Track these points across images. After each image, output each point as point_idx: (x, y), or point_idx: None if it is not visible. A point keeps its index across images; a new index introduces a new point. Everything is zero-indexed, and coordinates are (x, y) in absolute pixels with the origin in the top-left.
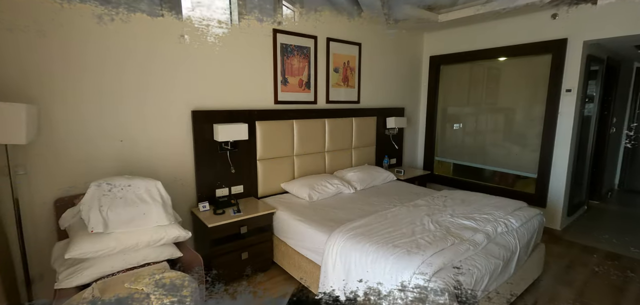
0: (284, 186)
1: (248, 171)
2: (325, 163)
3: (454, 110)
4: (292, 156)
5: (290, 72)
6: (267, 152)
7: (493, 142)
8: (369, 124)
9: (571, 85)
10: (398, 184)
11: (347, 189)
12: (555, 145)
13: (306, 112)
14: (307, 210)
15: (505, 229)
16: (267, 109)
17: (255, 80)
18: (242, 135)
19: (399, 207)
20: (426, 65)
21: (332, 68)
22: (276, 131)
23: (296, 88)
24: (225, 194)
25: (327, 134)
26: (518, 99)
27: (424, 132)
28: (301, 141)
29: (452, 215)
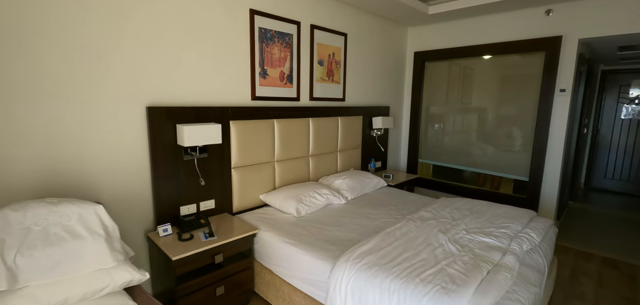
0: (265, 198)
1: (221, 182)
2: (310, 169)
3: (438, 109)
4: (273, 162)
5: (270, 62)
6: (243, 158)
7: (480, 143)
8: (354, 124)
9: (565, 85)
10: (389, 190)
11: (337, 199)
12: (548, 147)
13: (288, 110)
14: (296, 229)
15: (530, 245)
16: (243, 106)
17: (229, 69)
18: (215, 138)
19: (404, 221)
20: (410, 61)
21: (317, 60)
22: (254, 132)
23: (277, 82)
24: (192, 211)
25: (311, 136)
26: (508, 99)
27: (407, 133)
28: (283, 144)
29: (468, 230)
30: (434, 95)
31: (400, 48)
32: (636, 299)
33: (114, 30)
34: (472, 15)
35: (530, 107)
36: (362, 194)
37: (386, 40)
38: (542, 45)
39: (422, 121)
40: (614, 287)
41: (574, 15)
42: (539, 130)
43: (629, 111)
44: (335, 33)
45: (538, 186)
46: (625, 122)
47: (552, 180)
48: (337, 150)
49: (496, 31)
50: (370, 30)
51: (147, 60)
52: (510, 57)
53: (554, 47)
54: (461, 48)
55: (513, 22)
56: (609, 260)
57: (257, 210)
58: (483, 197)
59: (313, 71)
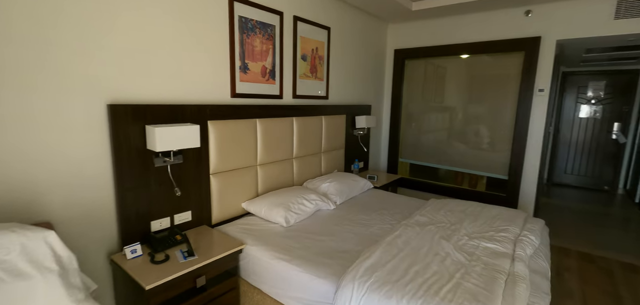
0: (247, 206)
1: (198, 191)
2: (294, 172)
3: (418, 108)
4: (256, 166)
5: (251, 55)
6: (223, 162)
7: (460, 142)
8: (338, 123)
9: (544, 85)
10: (376, 193)
11: (326, 204)
12: (527, 146)
13: (271, 108)
14: (287, 242)
15: (532, 249)
16: (222, 104)
17: (207, 62)
18: (192, 141)
19: (401, 228)
20: (390, 59)
21: (300, 55)
22: (235, 134)
23: (258, 77)
24: (166, 226)
25: (295, 136)
26: (487, 98)
27: (388, 132)
28: (266, 146)
29: (469, 236)
30: (414, 93)
31: (380, 45)
32: (618, 293)
33: (77, 23)
34: (453, 13)
35: (509, 107)
36: (350, 197)
37: (367, 37)
38: (521, 46)
39: (403, 120)
40: (596, 283)
41: (553, 16)
42: (518, 129)
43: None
44: (319, 26)
45: (517, 184)
46: (583, 120)
47: (530, 178)
48: (321, 151)
49: (477, 30)
50: (352, 25)
51: (108, 46)
52: (489, 56)
53: (533, 47)
54: (441, 46)
55: (493, 22)
56: (585, 255)
57: (239, 220)
58: (466, 196)
59: (296, 67)
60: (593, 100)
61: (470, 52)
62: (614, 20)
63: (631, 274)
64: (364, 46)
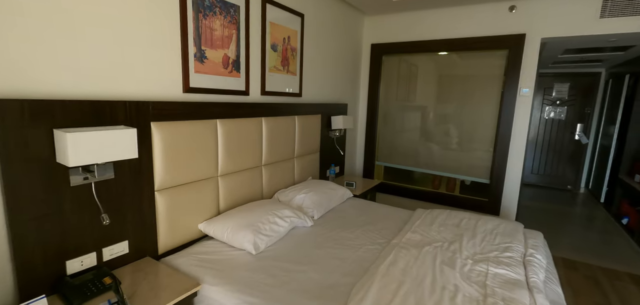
0: (206, 228)
1: (138, 214)
2: (263, 182)
3: (396, 108)
4: (216, 177)
5: (210, 41)
6: (173, 174)
7: (439, 145)
8: (313, 124)
9: (528, 85)
10: (356, 202)
11: (302, 221)
12: (510, 149)
13: (235, 107)
14: (258, 276)
15: (543, 272)
16: (171, 101)
17: (149, 45)
18: (127, 149)
19: (394, 250)
20: (367, 54)
21: (269, 44)
22: (189, 138)
23: (219, 69)
24: (90, 265)
25: (264, 140)
26: (469, 99)
27: (364, 134)
28: (229, 152)
29: (474, 259)
30: (392, 92)
31: (356, 39)
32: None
33: None
34: (434, 6)
35: (491, 108)
36: (329, 209)
37: (343, 29)
38: (505, 43)
39: (380, 120)
40: (586, 294)
41: (538, 13)
42: (501, 131)
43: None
44: (292, 12)
45: (500, 189)
46: (548, 121)
47: (513, 182)
48: (294, 156)
49: (459, 25)
50: (328, 14)
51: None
52: (472, 54)
53: (518, 45)
54: (422, 42)
55: (477, 17)
56: (568, 262)
57: (195, 246)
58: (447, 202)
59: (265, 58)
60: (558, 101)
61: (453, 48)
62: (599, 20)
63: (616, 281)
64: (339, 39)
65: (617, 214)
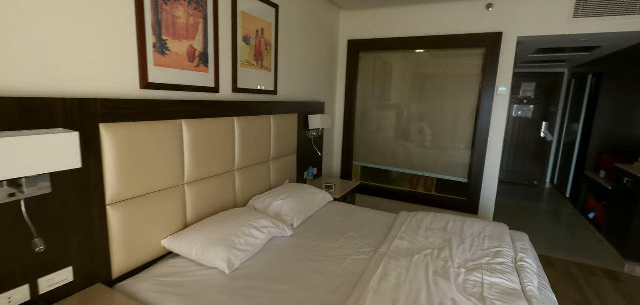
0: (171, 245)
1: (85, 234)
2: (236, 188)
3: (374, 107)
4: (183, 185)
5: (173, 30)
6: (130, 184)
7: (419, 144)
8: (289, 124)
9: (505, 83)
10: (336, 206)
11: (280, 231)
12: (488, 148)
13: (204, 105)
14: (234, 300)
15: (537, 278)
16: (126, 99)
17: (97, 32)
18: (67, 158)
19: (384, 262)
20: (343, 51)
21: (241, 36)
22: (149, 142)
23: (184, 62)
24: (22, 301)
25: (237, 142)
26: (446, 98)
27: (341, 133)
28: (197, 157)
29: (466, 267)
30: (369, 90)
31: (333, 34)
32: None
33: None
34: (411, 2)
35: (469, 107)
36: (309, 216)
37: (319, 23)
38: (482, 41)
39: (357, 119)
40: (565, 292)
41: (514, 12)
42: (479, 130)
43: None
44: (265, 2)
45: (478, 188)
46: (516, 119)
47: (491, 181)
48: (270, 159)
49: (437, 22)
50: (303, 6)
51: None
52: (449, 52)
53: (495, 43)
54: (399, 39)
55: (454, 14)
56: (544, 259)
57: (158, 267)
58: (427, 202)
59: (237, 51)
60: (525, 100)
61: (431, 45)
62: (573, 19)
63: (591, 277)
64: (316, 34)
65: (583, 209)
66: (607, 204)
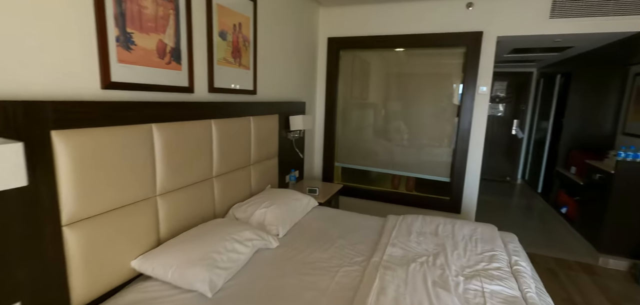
0: (142, 265)
1: (36, 261)
2: (215, 197)
3: (355, 106)
4: (154, 197)
5: (139, 22)
6: (90, 201)
7: (400, 143)
8: (270, 125)
9: (485, 83)
10: (322, 212)
11: (266, 243)
12: (469, 147)
13: (177, 107)
14: None
15: (533, 281)
16: (84, 101)
17: (45, 26)
18: (7, 176)
19: (379, 273)
20: (323, 48)
21: (217, 31)
22: (113, 150)
23: (153, 58)
24: None
25: (215, 146)
26: (428, 97)
27: (322, 133)
28: (170, 164)
29: (464, 274)
30: (350, 90)
31: (312, 31)
32: (573, 300)
33: None
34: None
35: (450, 106)
36: (294, 223)
37: (298, 19)
38: (463, 40)
39: (338, 119)
40: (548, 289)
41: (493, 11)
42: (461, 129)
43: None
44: None
45: (460, 187)
46: (489, 117)
47: (472, 180)
48: (250, 163)
49: (417, 20)
50: (282, 1)
51: None
52: (430, 51)
53: (475, 43)
54: (380, 37)
55: (435, 13)
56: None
57: (127, 292)
58: (410, 202)
59: (213, 47)
60: (497, 99)
61: (411, 44)
62: (549, 20)
63: (569, 272)
64: (295, 30)
65: (555, 204)
66: (579, 198)
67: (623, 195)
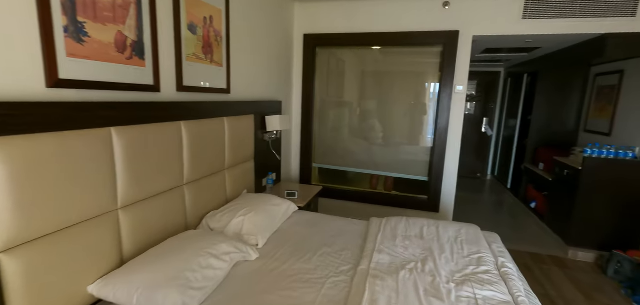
0: (102, 290)
1: None
2: (186, 206)
3: (332, 105)
4: (116, 211)
5: (93, 10)
6: (32, 221)
7: (378, 143)
8: (245, 126)
9: (461, 82)
10: (302, 217)
11: (244, 255)
12: (447, 146)
13: (141, 108)
14: None
15: (522, 283)
16: (25, 102)
17: None
18: None
19: (368, 284)
20: (299, 45)
21: (185, 23)
22: (63, 159)
23: (110, 52)
24: None
25: (185, 151)
26: (406, 95)
27: (299, 134)
28: (134, 173)
29: (454, 280)
30: (326, 88)
31: (287, 27)
32: (547, 293)
33: None
34: None
35: (427, 105)
36: (274, 231)
37: (273, 14)
38: (440, 39)
39: (316, 119)
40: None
41: (469, 11)
42: (438, 128)
43: None
44: None
45: (439, 185)
46: None
47: (450, 178)
48: (225, 167)
49: (394, 18)
50: None
51: None
52: (407, 49)
53: (452, 42)
54: (357, 34)
55: (412, 11)
56: None
57: None
58: (390, 202)
59: (181, 41)
60: (468, 97)
61: (388, 42)
62: (522, 20)
63: (542, 266)
64: (270, 25)
65: (524, 199)
66: (547, 194)
67: (590, 190)
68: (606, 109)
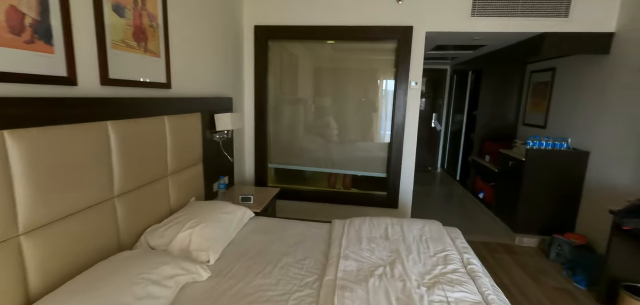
0: None
1: None
2: (118, 222)
3: (286, 102)
4: (16, 237)
5: None
6: None
7: (335, 141)
8: (191, 126)
9: (416, 77)
10: (259, 223)
11: (193, 275)
12: (404, 141)
13: (49, 105)
14: None
15: (488, 279)
16: None
17: None
18: None
19: (337, 297)
20: (250, 37)
21: (110, 3)
22: None
23: (3, 34)
24: None
25: (115, 157)
26: (359, 91)
27: (252, 132)
28: (41, 188)
29: (425, 283)
30: (280, 84)
31: (235, 17)
32: (502, 282)
33: None
34: None
35: (383, 101)
36: (228, 243)
37: (219, 2)
38: (394, 34)
39: (270, 116)
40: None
41: (422, 7)
42: (395, 124)
43: None
44: None
45: (397, 181)
46: None
47: (408, 173)
48: (167, 173)
49: (349, 11)
50: None
51: None
52: (362, 45)
53: (406, 37)
54: (310, 27)
55: (365, 5)
56: None
57: None
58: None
59: (104, 24)
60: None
61: (344, 36)
62: (471, 18)
63: (495, 254)
64: (216, 14)
65: (473, 190)
66: (494, 184)
67: (532, 179)
68: (541, 104)
